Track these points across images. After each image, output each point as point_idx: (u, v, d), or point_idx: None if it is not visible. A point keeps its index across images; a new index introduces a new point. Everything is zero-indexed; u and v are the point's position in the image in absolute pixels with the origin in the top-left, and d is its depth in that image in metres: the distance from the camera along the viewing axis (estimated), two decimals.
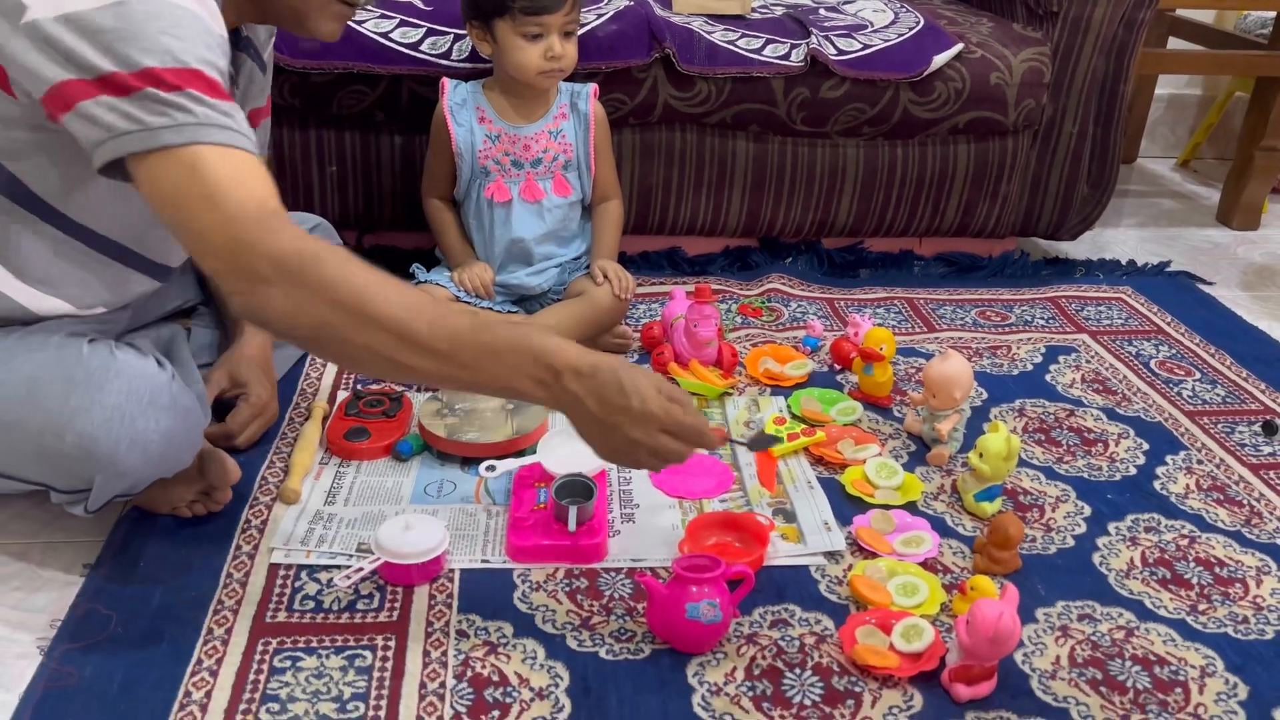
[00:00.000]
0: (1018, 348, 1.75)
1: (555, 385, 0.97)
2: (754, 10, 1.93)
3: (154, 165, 0.91)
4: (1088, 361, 1.72)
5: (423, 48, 1.70)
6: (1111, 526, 1.30)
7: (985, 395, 1.59)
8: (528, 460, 1.28)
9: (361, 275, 0.93)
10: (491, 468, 1.26)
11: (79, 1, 0.88)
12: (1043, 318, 1.87)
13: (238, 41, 1.17)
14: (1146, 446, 1.48)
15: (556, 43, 1.54)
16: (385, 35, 1.69)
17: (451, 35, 1.71)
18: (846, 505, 1.30)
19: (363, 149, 1.80)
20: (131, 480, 1.05)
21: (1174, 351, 1.77)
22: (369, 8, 1.47)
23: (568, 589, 1.13)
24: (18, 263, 1.07)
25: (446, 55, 1.70)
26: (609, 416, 0.97)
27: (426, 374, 0.97)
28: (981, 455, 1.26)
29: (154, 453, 1.03)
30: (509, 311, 1.67)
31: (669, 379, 1.56)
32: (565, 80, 1.67)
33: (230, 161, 0.92)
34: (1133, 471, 1.42)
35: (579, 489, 1.21)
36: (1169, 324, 1.87)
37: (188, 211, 0.91)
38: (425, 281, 1.64)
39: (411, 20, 1.72)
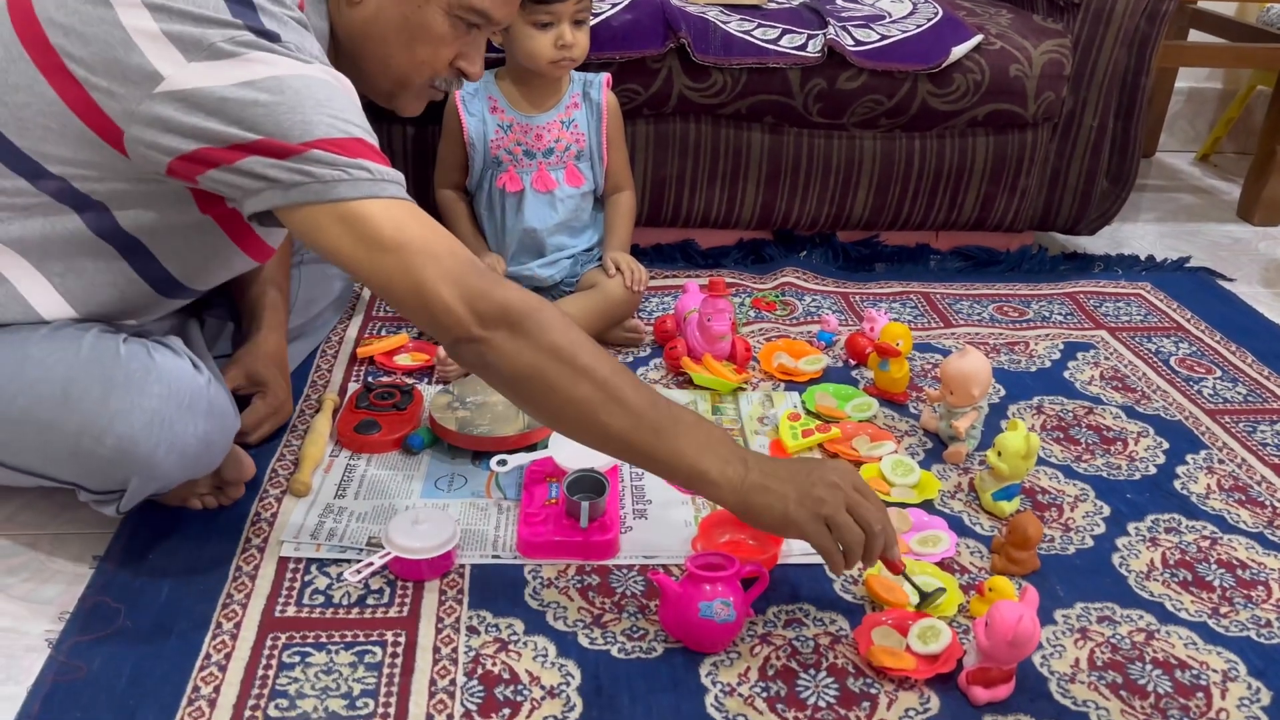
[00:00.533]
0: (1036, 344, 1.73)
1: (743, 468, 1.00)
2: (770, 0, 1.91)
3: (332, 212, 0.94)
4: (1106, 358, 1.70)
5: None
6: (1131, 527, 1.28)
7: (1003, 392, 1.57)
8: (539, 455, 1.27)
9: (576, 331, 1.00)
10: (503, 462, 1.25)
11: (220, 77, 0.91)
12: (1061, 313, 1.85)
13: None
14: (1166, 445, 1.46)
15: (567, 31, 1.53)
16: None
17: None
18: None
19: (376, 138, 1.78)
20: (165, 482, 1.05)
21: (1194, 349, 1.75)
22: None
23: (579, 586, 1.12)
24: (77, 293, 1.06)
25: None
26: (799, 473, 1.01)
27: (619, 434, 0.99)
28: (1000, 453, 1.25)
29: (190, 456, 1.03)
30: None
31: (682, 373, 1.55)
32: (578, 70, 1.66)
33: (425, 219, 0.97)
34: (1153, 471, 1.40)
35: (591, 484, 1.20)
36: (1189, 321, 1.85)
37: (393, 259, 0.94)
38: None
39: None
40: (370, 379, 1.51)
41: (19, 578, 1.11)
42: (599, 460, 1.24)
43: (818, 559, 1.17)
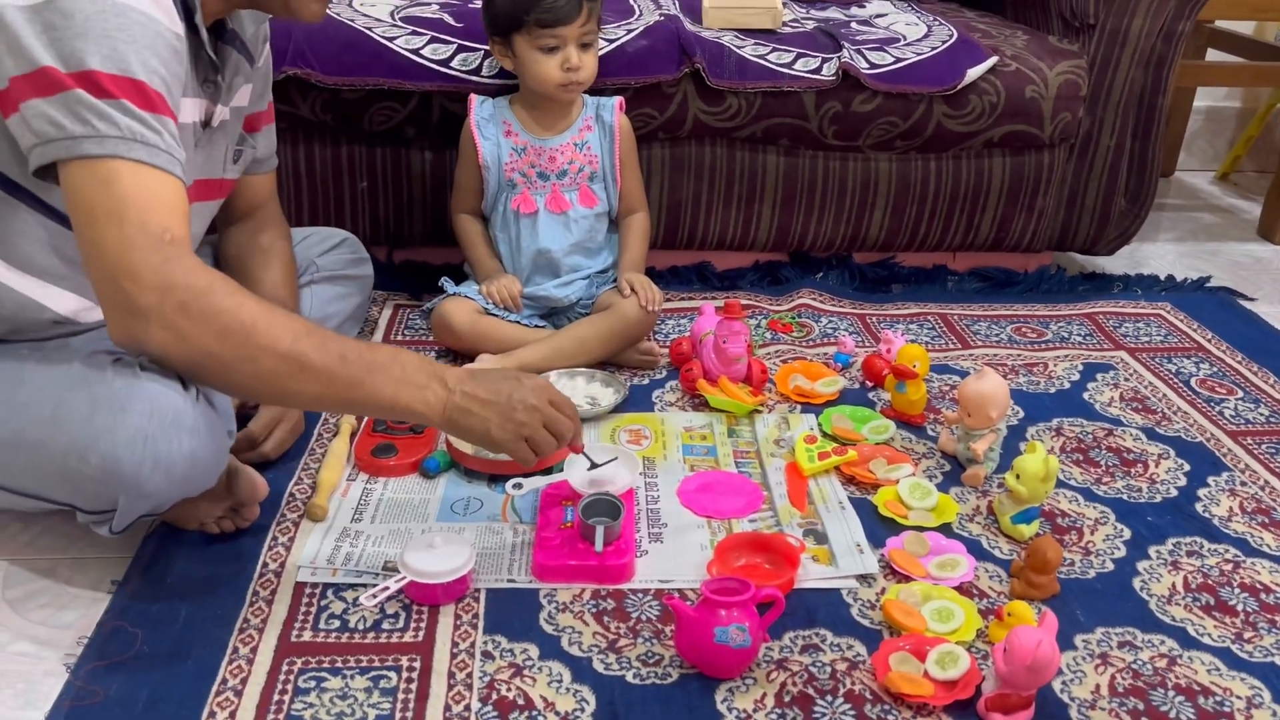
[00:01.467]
0: (1054, 365, 1.72)
1: (443, 390, 1.05)
2: (785, 24, 1.92)
3: (74, 173, 0.93)
4: (1126, 379, 1.69)
5: (453, 64, 1.70)
6: (1152, 550, 1.26)
7: (1021, 414, 1.56)
8: (555, 478, 1.27)
9: (250, 306, 0.98)
10: (518, 485, 1.25)
11: None
12: (1080, 334, 1.84)
13: (222, 33, 1.16)
14: (1188, 468, 1.44)
15: (574, 54, 1.54)
16: (416, 52, 1.69)
17: (482, 52, 1.71)
18: (879, 527, 1.27)
19: (393, 164, 1.80)
20: (156, 501, 1.04)
21: (1215, 369, 1.73)
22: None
23: (594, 610, 1.12)
24: (14, 254, 1.07)
25: (476, 71, 1.70)
26: (500, 395, 1.07)
27: (315, 398, 1.02)
28: (1019, 476, 1.24)
29: (178, 474, 1.03)
30: (536, 325, 1.66)
31: (697, 395, 1.55)
32: (591, 94, 1.67)
33: (143, 180, 0.94)
34: (1174, 493, 1.38)
35: (606, 508, 1.19)
36: (1209, 341, 1.83)
37: (91, 225, 0.94)
38: (454, 294, 1.64)
39: (443, 37, 1.72)
40: None
41: (38, 602, 1.12)
42: (615, 484, 1.25)
43: (835, 584, 1.16)
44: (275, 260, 1.40)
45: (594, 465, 1.24)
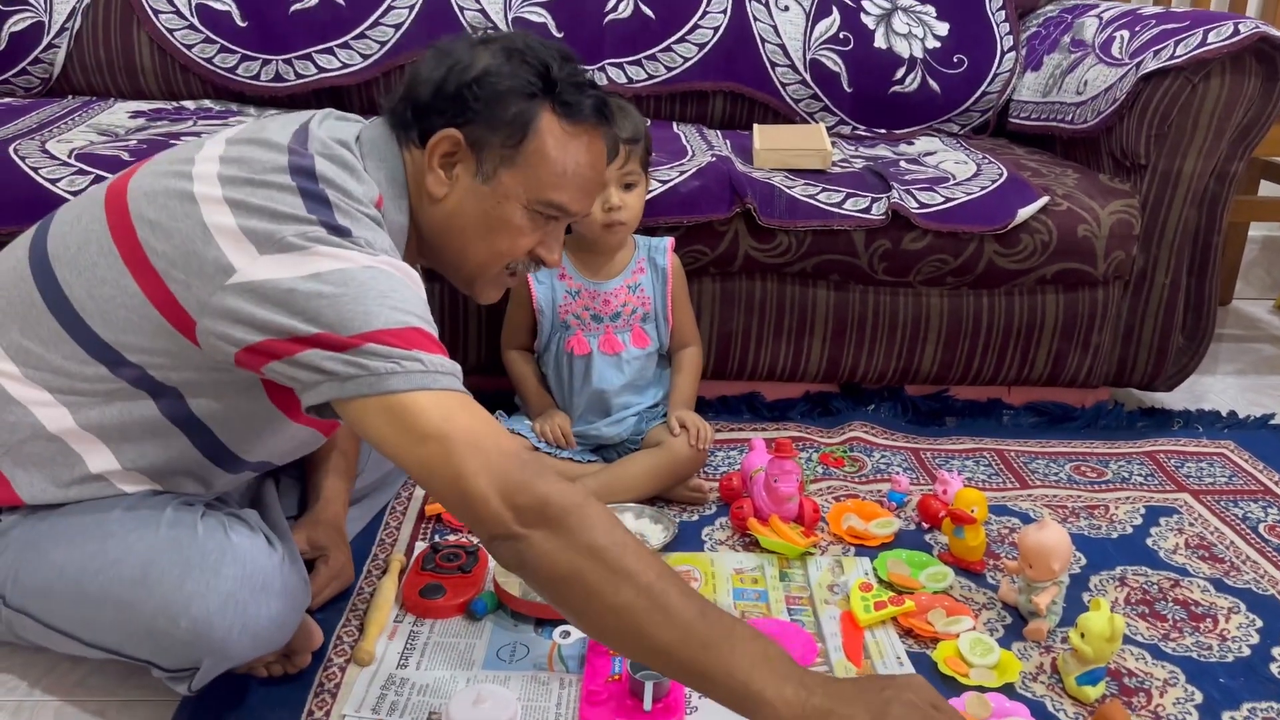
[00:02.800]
0: (1116, 507, 1.68)
1: (803, 691, 0.89)
2: (834, 164, 1.96)
3: (377, 410, 0.94)
4: (1190, 524, 1.63)
5: None
6: (1226, 716, 1.20)
7: (1084, 561, 1.51)
8: None
9: (621, 532, 0.94)
10: (566, 634, 1.23)
11: (288, 269, 0.95)
12: (1141, 474, 1.80)
13: None
14: (1260, 623, 1.38)
15: (614, 194, 1.58)
16: None
17: None
18: (939, 684, 1.23)
19: (450, 298, 1.85)
20: (237, 662, 1.06)
21: None
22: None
23: None
24: (132, 459, 1.09)
25: None
26: (869, 697, 0.91)
27: (665, 647, 0.90)
28: (1083, 635, 1.19)
29: (264, 637, 1.04)
30: (587, 460, 1.66)
31: (748, 534, 1.53)
32: (643, 233, 1.70)
33: (473, 409, 0.97)
34: (1246, 652, 1.32)
35: None
36: (1277, 483, 1.78)
37: (443, 455, 0.93)
38: (507, 429, 1.65)
39: None
40: (438, 538, 1.51)
41: None
42: None
43: None
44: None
45: None
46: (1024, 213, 1.82)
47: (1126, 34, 2.00)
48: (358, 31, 2.17)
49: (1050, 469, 1.80)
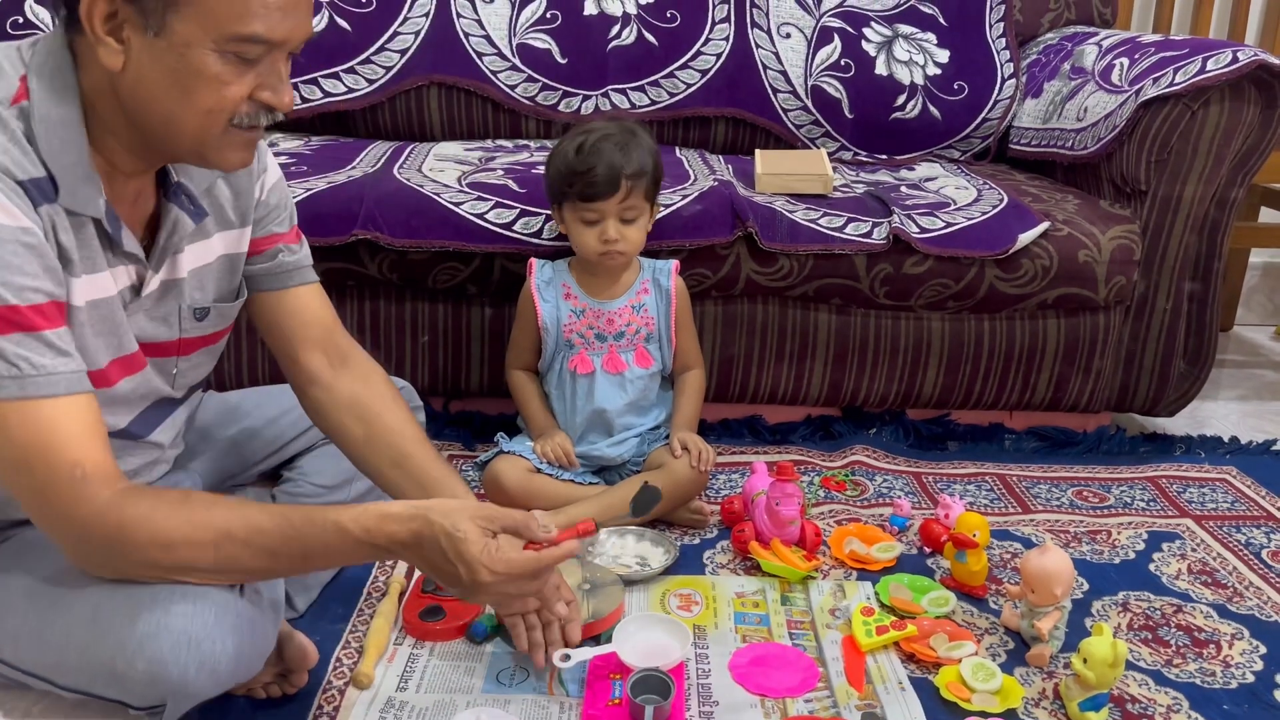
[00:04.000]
0: (1118, 532, 1.67)
1: (390, 557, 1.05)
2: (835, 189, 1.97)
3: None
4: (1193, 550, 1.63)
5: (515, 227, 1.76)
6: None
7: (1086, 586, 1.51)
8: (604, 649, 1.24)
9: (165, 534, 0.98)
10: (566, 657, 1.23)
11: None
12: (1143, 499, 1.79)
13: (167, 190, 1.10)
14: (1264, 650, 1.37)
15: (611, 228, 1.58)
16: (481, 216, 1.76)
17: (543, 216, 1.77)
18: (941, 710, 1.22)
19: (454, 319, 1.85)
20: (202, 699, 1.03)
21: None
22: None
23: None
24: None
25: (537, 234, 1.76)
26: (450, 581, 1.05)
27: (262, 579, 1.07)
28: (1086, 660, 1.19)
29: (224, 673, 1.01)
30: (589, 483, 1.66)
31: (749, 558, 1.52)
32: (648, 255, 1.71)
33: (31, 418, 0.93)
34: (1250, 678, 1.31)
35: (656, 685, 1.16)
36: None
37: (2, 470, 0.95)
38: (508, 451, 1.65)
39: (506, 202, 1.79)
40: None
41: None
42: (666, 658, 1.22)
43: None
44: (389, 403, 1.31)
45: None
46: (1025, 238, 1.82)
47: (1126, 61, 2.01)
48: (363, 57, 2.19)
49: (1052, 494, 1.80)
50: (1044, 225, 1.85)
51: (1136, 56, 2.00)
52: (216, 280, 1.20)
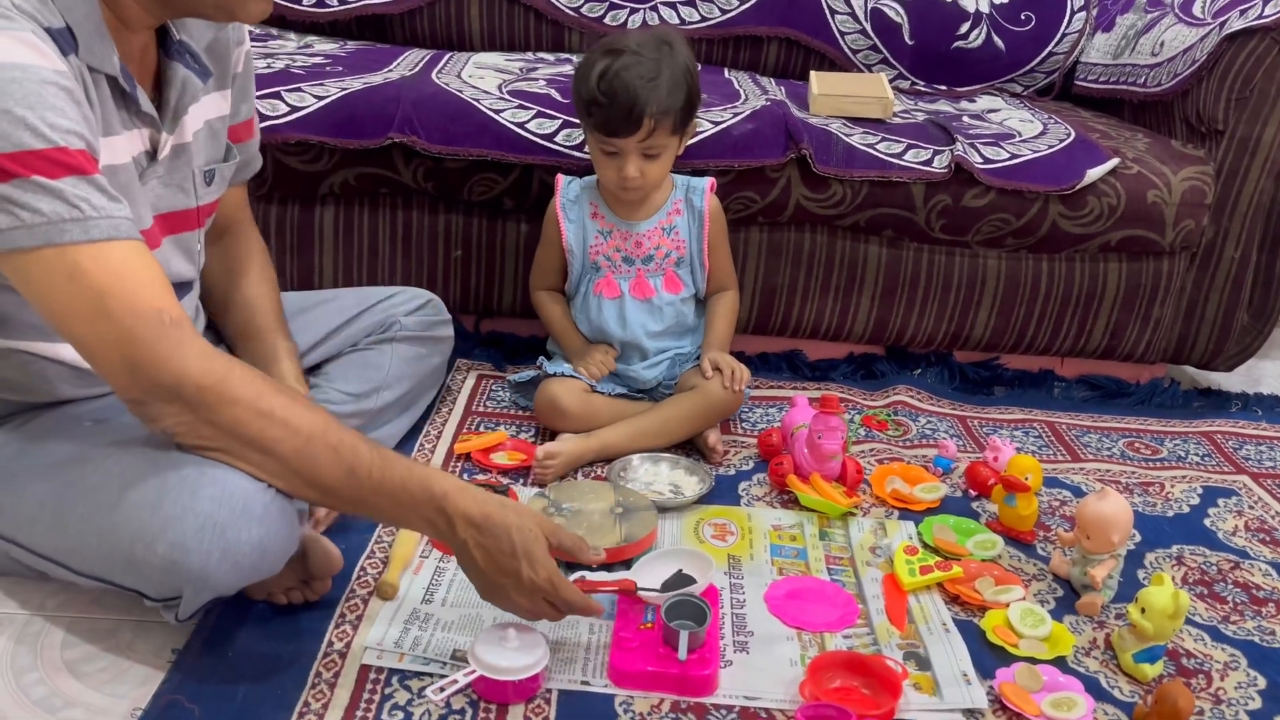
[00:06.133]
0: (1171, 486, 1.60)
1: (448, 530, 0.99)
2: (895, 115, 1.87)
3: (20, 267, 0.87)
4: (1250, 507, 1.56)
5: (557, 139, 1.68)
6: None
7: (1138, 538, 1.44)
8: (620, 575, 1.19)
9: (266, 401, 0.94)
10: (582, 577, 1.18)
11: None
12: (1197, 454, 1.72)
13: (168, 47, 1.06)
14: None
15: (631, 165, 1.48)
16: (522, 125, 1.68)
17: None
18: (987, 654, 1.17)
19: (488, 234, 1.78)
20: (221, 591, 0.99)
21: None
22: None
23: None
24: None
25: (579, 147, 1.68)
26: (496, 574, 1.00)
27: (322, 504, 1.04)
28: (1144, 611, 1.13)
29: (246, 564, 0.97)
30: (638, 398, 1.61)
31: (787, 492, 1.47)
32: (683, 174, 1.63)
33: (105, 260, 0.87)
34: None
35: (691, 610, 1.11)
36: None
37: (76, 323, 0.89)
38: (554, 374, 1.58)
39: (548, 112, 1.71)
40: (466, 477, 1.46)
41: (97, 666, 1.07)
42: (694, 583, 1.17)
43: (940, 717, 1.07)
44: (253, 273, 1.31)
45: (646, 589, 1.15)
46: (1093, 174, 1.73)
47: None
48: None
49: (1103, 444, 1.73)
50: (1113, 161, 1.76)
51: None
52: (212, 141, 1.17)
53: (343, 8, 2.09)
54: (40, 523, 1.01)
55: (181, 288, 1.15)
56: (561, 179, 1.62)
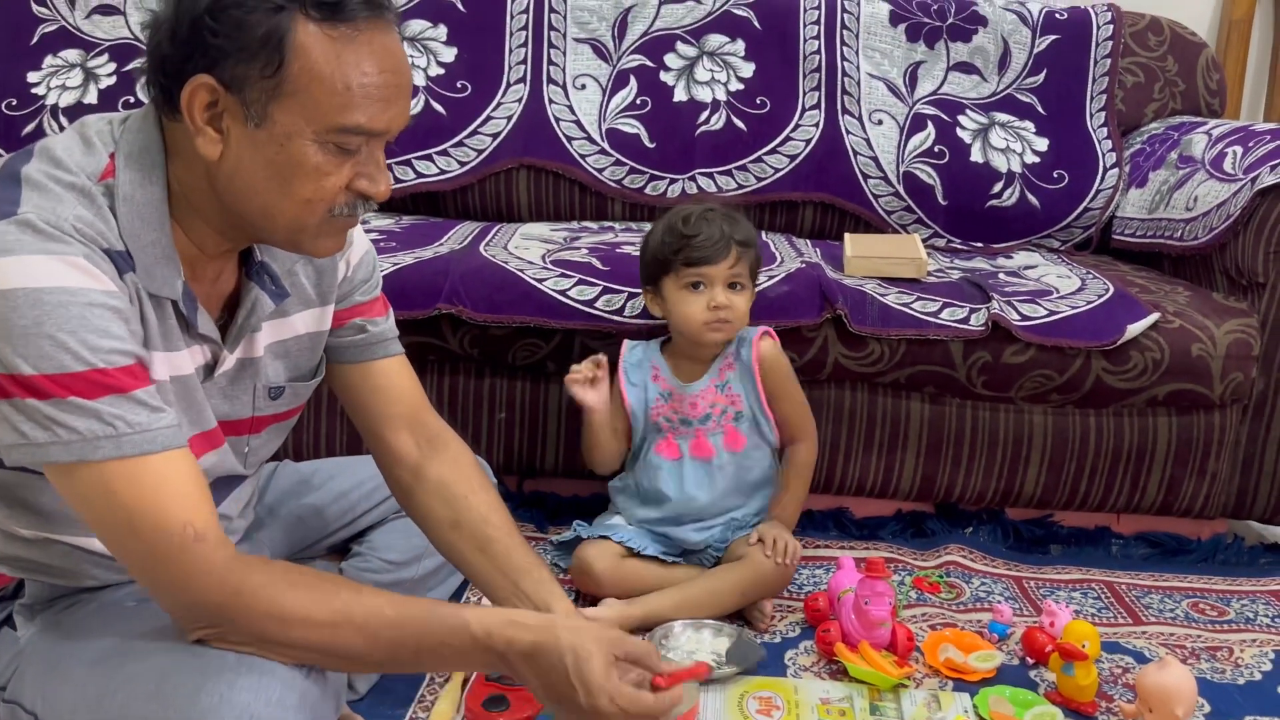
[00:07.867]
0: (1241, 650, 1.53)
1: (507, 666, 0.99)
2: (930, 273, 1.90)
3: (60, 477, 0.91)
4: None
5: (597, 304, 1.74)
6: None
7: (1208, 708, 1.37)
8: None
9: (281, 590, 0.95)
10: None
11: None
12: (1267, 615, 1.64)
13: (249, 269, 1.09)
14: None
15: (720, 293, 1.54)
16: (563, 293, 1.74)
17: (626, 293, 1.74)
18: None
19: (532, 397, 1.82)
20: None
21: None
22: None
23: None
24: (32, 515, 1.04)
25: (619, 311, 1.73)
26: (556, 698, 0.99)
27: (368, 669, 1.09)
28: None
29: None
30: (674, 561, 1.60)
31: (835, 661, 1.42)
32: None
33: (136, 477, 0.91)
34: None
35: None
36: None
37: (108, 535, 0.93)
38: (589, 537, 1.58)
39: (589, 280, 1.77)
40: None
41: None
42: None
43: None
44: (476, 487, 1.27)
45: None
46: (1134, 329, 1.73)
47: (1239, 149, 1.93)
48: (456, 140, 2.22)
49: (1165, 604, 1.66)
50: (1154, 316, 1.75)
51: (1250, 144, 1.92)
52: (295, 359, 1.18)
53: (399, 186, 2.20)
54: (80, 712, 1.01)
55: (232, 481, 1.18)
56: (626, 343, 1.67)
